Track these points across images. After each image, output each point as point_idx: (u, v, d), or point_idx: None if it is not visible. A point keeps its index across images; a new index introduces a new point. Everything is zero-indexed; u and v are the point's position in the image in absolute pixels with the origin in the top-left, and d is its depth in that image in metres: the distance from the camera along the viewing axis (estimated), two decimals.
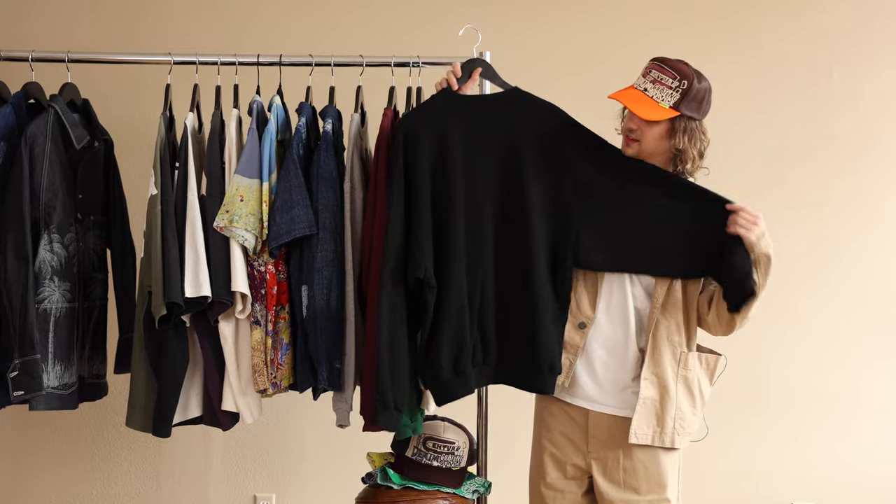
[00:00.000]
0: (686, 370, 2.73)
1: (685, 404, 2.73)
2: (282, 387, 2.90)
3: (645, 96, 2.67)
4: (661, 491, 2.74)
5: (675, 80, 2.65)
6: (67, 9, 3.72)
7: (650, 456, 2.73)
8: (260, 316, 2.86)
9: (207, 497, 3.82)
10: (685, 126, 2.67)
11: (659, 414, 2.70)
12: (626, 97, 2.69)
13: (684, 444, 2.76)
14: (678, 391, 2.71)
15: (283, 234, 2.81)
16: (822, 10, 3.88)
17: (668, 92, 2.65)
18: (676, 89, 2.64)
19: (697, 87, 2.65)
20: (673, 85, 2.65)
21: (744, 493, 3.90)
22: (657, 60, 2.70)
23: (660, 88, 2.66)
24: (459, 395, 2.77)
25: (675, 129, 2.68)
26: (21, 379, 2.77)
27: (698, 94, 2.66)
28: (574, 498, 2.82)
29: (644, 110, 2.65)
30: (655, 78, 2.67)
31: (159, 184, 2.83)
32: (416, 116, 2.79)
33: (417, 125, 2.75)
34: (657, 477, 2.73)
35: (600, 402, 2.76)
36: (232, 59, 2.97)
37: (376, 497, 2.93)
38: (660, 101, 2.65)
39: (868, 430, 3.93)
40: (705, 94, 2.68)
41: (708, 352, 2.80)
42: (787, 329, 3.88)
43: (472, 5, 3.77)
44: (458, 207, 2.72)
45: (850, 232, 3.90)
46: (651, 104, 2.66)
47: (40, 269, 2.83)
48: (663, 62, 2.68)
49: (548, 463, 2.83)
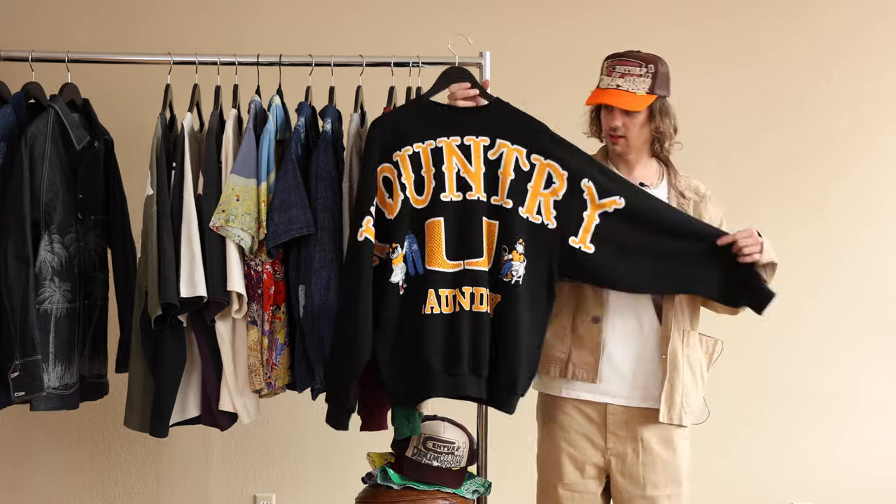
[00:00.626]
0: (689, 348, 2.77)
1: (689, 382, 2.77)
2: (276, 387, 2.89)
3: (622, 91, 2.72)
4: (678, 486, 2.77)
5: (641, 68, 2.72)
6: (67, 9, 3.72)
7: (668, 449, 2.75)
8: (256, 316, 2.86)
9: (207, 497, 3.82)
10: (660, 106, 2.75)
11: (670, 392, 2.73)
12: (605, 97, 2.73)
13: (690, 423, 2.78)
14: (684, 369, 2.75)
15: (282, 234, 2.81)
16: (823, 11, 3.88)
17: (640, 80, 2.71)
18: (646, 75, 2.71)
19: (661, 68, 2.74)
20: (642, 72, 2.71)
21: (744, 493, 3.90)
22: (614, 57, 2.76)
23: (631, 80, 2.72)
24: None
25: (654, 111, 2.75)
26: (22, 380, 2.77)
27: (664, 74, 2.75)
28: (593, 498, 2.82)
29: (628, 102, 2.70)
30: (623, 72, 2.73)
31: (155, 184, 2.83)
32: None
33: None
34: (674, 472, 2.77)
35: (618, 394, 2.77)
36: (232, 59, 2.97)
37: (376, 497, 2.93)
38: (636, 91, 2.71)
39: (868, 430, 3.93)
40: (667, 70, 2.77)
41: (704, 335, 2.84)
42: (787, 329, 3.87)
43: (473, 5, 3.77)
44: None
45: (850, 232, 3.90)
46: (630, 96, 2.71)
47: (41, 270, 2.83)
48: (622, 56, 2.75)
49: (566, 464, 2.81)
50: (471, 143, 2.76)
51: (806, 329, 3.90)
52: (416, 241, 2.74)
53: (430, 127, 2.76)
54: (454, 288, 2.74)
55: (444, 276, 2.73)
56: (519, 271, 2.73)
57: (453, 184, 2.75)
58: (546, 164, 2.75)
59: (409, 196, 2.74)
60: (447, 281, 2.73)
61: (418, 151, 2.75)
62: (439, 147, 2.75)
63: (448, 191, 2.74)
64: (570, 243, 2.74)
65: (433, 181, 2.75)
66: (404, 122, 2.78)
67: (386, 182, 2.75)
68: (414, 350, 2.73)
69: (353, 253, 2.72)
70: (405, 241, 2.74)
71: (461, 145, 2.76)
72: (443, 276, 2.73)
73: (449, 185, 2.75)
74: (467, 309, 2.73)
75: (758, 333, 3.72)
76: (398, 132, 2.76)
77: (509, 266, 2.74)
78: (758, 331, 3.72)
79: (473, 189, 2.75)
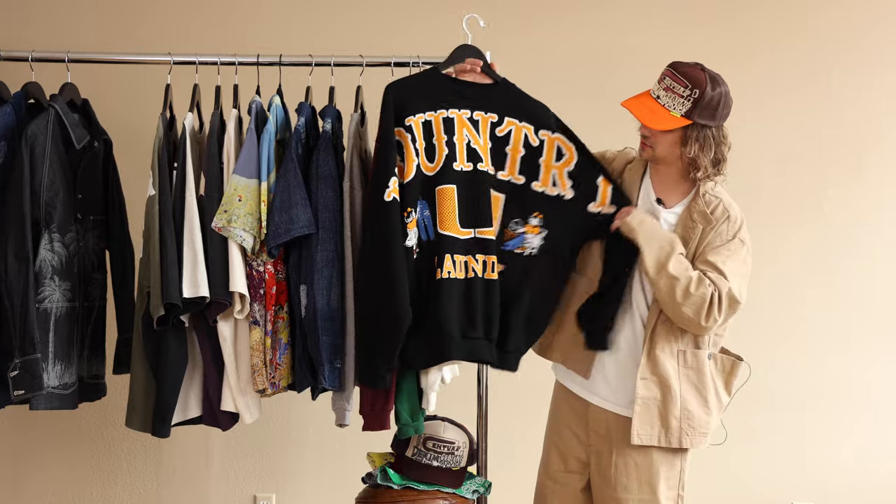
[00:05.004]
0: (689, 369, 2.72)
1: (693, 404, 2.72)
2: (280, 387, 2.90)
3: (657, 104, 2.67)
4: (651, 493, 2.74)
5: (686, 89, 2.63)
6: (67, 9, 3.71)
7: (644, 456, 2.73)
8: (259, 316, 2.86)
9: (207, 497, 3.82)
10: (697, 134, 2.66)
11: (662, 414, 2.70)
12: (636, 105, 2.69)
13: (700, 445, 2.74)
14: (682, 390, 2.71)
15: (283, 234, 2.81)
16: (823, 11, 3.88)
17: (680, 101, 2.64)
18: (688, 98, 2.63)
19: (710, 95, 2.63)
20: (684, 94, 2.64)
21: (744, 493, 3.90)
22: (672, 67, 2.69)
23: (671, 97, 2.65)
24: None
25: (688, 137, 2.67)
26: (21, 378, 2.78)
27: (712, 102, 2.64)
28: (573, 493, 2.83)
29: (653, 119, 2.66)
30: (668, 86, 2.66)
31: (157, 184, 2.83)
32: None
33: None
34: (648, 478, 2.73)
35: (603, 396, 2.77)
36: (232, 59, 2.97)
37: (376, 497, 2.93)
38: (671, 109, 2.65)
39: (868, 430, 3.93)
40: (720, 100, 2.66)
41: (727, 354, 2.80)
42: (787, 329, 3.88)
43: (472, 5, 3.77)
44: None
45: (850, 232, 3.90)
46: (662, 113, 2.65)
47: (41, 269, 2.83)
48: (677, 69, 2.67)
49: (552, 454, 2.87)
50: (479, 119, 2.83)
51: (806, 329, 3.90)
52: (427, 206, 2.79)
53: (442, 97, 2.82)
54: (467, 254, 2.80)
55: (457, 242, 2.79)
56: (533, 243, 2.82)
57: (464, 154, 2.81)
58: (554, 139, 2.83)
59: (420, 162, 2.78)
60: (460, 247, 2.79)
61: (430, 119, 2.79)
62: (451, 117, 2.81)
63: (459, 160, 2.80)
64: (590, 209, 2.81)
65: (445, 149, 2.80)
66: (418, 90, 2.82)
67: (398, 146, 2.77)
68: (430, 314, 2.76)
69: (382, 213, 2.73)
70: (417, 206, 2.78)
71: (470, 118, 2.82)
72: (455, 241, 2.79)
73: (460, 155, 2.80)
74: (480, 275, 2.80)
75: (758, 333, 3.73)
76: (412, 98, 2.80)
77: (522, 238, 2.82)
78: (758, 331, 3.74)
79: (483, 161, 2.81)
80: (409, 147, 2.76)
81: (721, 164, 2.71)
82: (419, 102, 2.79)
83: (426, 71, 2.90)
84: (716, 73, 2.68)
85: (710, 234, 2.70)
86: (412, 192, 2.76)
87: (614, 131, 2.87)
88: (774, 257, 3.80)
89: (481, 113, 2.83)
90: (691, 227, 2.72)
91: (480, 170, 2.81)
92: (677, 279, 2.61)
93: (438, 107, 2.80)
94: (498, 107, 2.83)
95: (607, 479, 2.75)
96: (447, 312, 2.75)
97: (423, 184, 2.78)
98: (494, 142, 2.82)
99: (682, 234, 2.72)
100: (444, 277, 2.76)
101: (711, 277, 2.63)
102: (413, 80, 2.88)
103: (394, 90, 2.80)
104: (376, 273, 2.75)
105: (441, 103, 2.81)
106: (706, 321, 2.63)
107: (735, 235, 2.70)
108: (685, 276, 2.62)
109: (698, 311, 2.61)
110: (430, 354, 2.78)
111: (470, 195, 2.80)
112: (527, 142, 2.82)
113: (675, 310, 2.63)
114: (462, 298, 2.78)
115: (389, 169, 2.73)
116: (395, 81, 2.86)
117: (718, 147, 2.69)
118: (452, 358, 2.80)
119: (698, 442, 2.73)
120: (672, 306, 2.64)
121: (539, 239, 2.82)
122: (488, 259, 2.80)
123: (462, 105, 2.82)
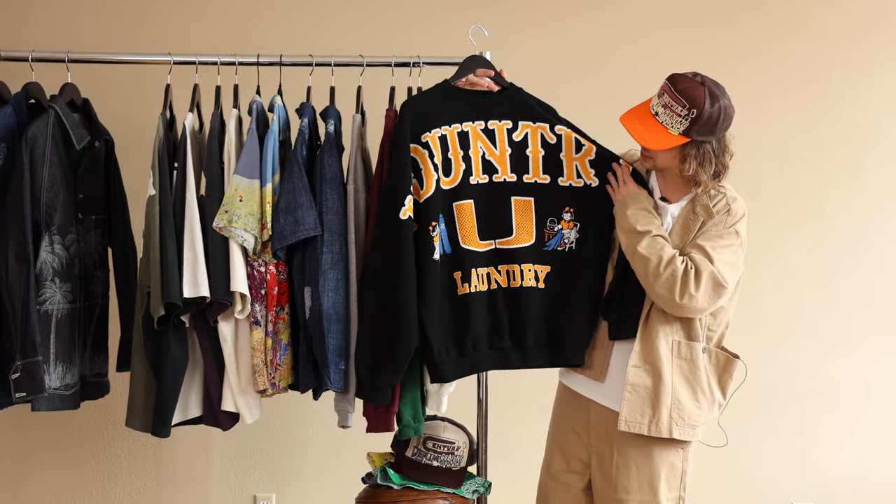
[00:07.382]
0: (682, 360, 2.73)
1: (684, 395, 2.72)
2: (280, 387, 2.90)
3: (654, 122, 2.66)
4: (652, 493, 2.74)
5: (684, 108, 2.62)
6: (67, 9, 3.71)
7: (645, 457, 2.73)
8: (260, 316, 2.86)
9: (207, 497, 3.82)
10: (696, 152, 2.66)
11: (653, 402, 2.70)
12: (634, 123, 2.68)
13: (690, 437, 2.74)
14: (674, 380, 2.71)
15: (288, 236, 2.81)
16: (822, 11, 3.88)
17: (678, 119, 2.63)
18: (685, 118, 2.62)
19: (709, 113, 2.62)
20: (682, 113, 2.62)
21: (744, 493, 3.91)
22: (671, 82, 2.66)
23: (669, 115, 2.64)
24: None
25: (686, 154, 2.67)
26: (23, 381, 2.78)
27: (710, 119, 2.63)
28: (574, 493, 2.83)
29: (651, 139, 2.65)
30: (666, 103, 2.65)
31: (157, 184, 2.83)
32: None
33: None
34: (649, 479, 2.73)
35: (602, 393, 2.77)
36: (232, 59, 2.97)
37: (376, 497, 2.93)
38: (669, 127, 2.64)
39: (868, 430, 3.94)
40: (719, 114, 2.64)
41: (722, 350, 2.80)
42: (788, 329, 3.88)
43: (473, 5, 3.77)
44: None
45: (850, 232, 3.90)
46: (659, 131, 2.65)
47: (41, 271, 2.83)
48: (675, 86, 2.64)
49: (555, 453, 2.87)
50: (494, 128, 2.85)
51: (806, 329, 3.90)
52: (443, 221, 2.81)
53: (456, 111, 2.83)
54: (489, 266, 2.83)
55: (478, 255, 2.82)
56: (570, 237, 2.85)
57: (479, 167, 2.83)
58: (570, 133, 2.86)
59: (439, 177, 2.79)
60: (482, 259, 2.82)
61: (445, 134, 2.81)
62: (465, 131, 2.83)
63: (475, 174, 2.82)
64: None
65: (462, 164, 2.81)
66: (432, 105, 2.83)
67: (413, 163, 2.78)
68: (456, 328, 2.80)
69: (396, 231, 2.74)
70: (440, 220, 2.80)
71: (485, 129, 2.84)
72: (477, 254, 2.82)
73: (476, 169, 2.83)
74: (504, 286, 2.83)
75: (758, 333, 3.73)
76: (427, 114, 2.81)
77: (560, 236, 2.85)
78: (758, 330, 3.74)
79: (499, 171, 2.84)
80: (427, 163, 2.76)
81: (722, 174, 2.71)
82: (435, 118, 2.80)
83: (439, 85, 2.88)
84: (715, 86, 2.66)
85: (709, 224, 2.72)
86: (433, 206, 2.77)
87: (615, 131, 2.87)
88: (775, 257, 3.81)
89: (496, 122, 2.84)
90: (693, 220, 2.73)
91: (496, 181, 2.83)
92: (648, 259, 2.65)
93: (454, 121, 2.81)
94: (510, 113, 2.85)
95: (608, 480, 2.76)
96: (475, 325, 2.81)
97: (442, 198, 2.79)
98: (513, 147, 2.84)
99: (683, 225, 2.73)
100: (466, 293, 2.80)
101: (694, 258, 2.65)
102: (427, 95, 2.87)
103: (410, 108, 2.80)
104: (387, 292, 2.75)
105: (456, 117, 2.82)
106: (681, 298, 2.62)
107: (731, 226, 2.72)
108: (656, 255, 2.64)
109: (671, 288, 2.62)
110: (461, 367, 2.83)
111: (488, 207, 2.82)
112: (545, 141, 2.84)
113: (650, 290, 2.67)
114: (487, 310, 2.82)
115: (405, 187, 2.74)
116: (410, 99, 2.87)
117: (719, 159, 2.69)
118: (481, 369, 2.89)
119: (688, 434, 2.73)
120: (647, 286, 2.67)
121: (575, 233, 2.85)
122: (512, 268, 2.83)
123: (476, 117, 2.83)
